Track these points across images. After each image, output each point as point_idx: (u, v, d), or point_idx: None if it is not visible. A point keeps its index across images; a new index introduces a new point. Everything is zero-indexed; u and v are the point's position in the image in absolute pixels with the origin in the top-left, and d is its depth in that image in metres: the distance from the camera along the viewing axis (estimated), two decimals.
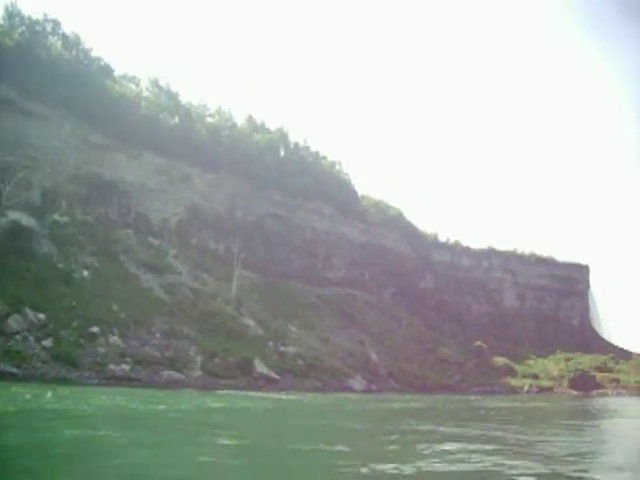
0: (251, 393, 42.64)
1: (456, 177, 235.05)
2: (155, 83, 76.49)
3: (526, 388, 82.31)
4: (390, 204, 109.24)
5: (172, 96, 76.69)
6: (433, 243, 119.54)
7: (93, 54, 69.78)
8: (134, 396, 31.60)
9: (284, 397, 41.81)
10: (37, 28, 63.42)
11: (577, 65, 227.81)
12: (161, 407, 27.15)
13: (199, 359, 48.91)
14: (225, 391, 42.64)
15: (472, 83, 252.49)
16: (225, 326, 58.02)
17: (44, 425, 18.95)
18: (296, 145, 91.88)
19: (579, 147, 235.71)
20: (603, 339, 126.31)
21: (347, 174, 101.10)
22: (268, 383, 51.32)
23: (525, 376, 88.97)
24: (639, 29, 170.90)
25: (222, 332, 56.52)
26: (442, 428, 25.26)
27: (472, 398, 58.52)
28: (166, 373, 44.72)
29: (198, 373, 47.31)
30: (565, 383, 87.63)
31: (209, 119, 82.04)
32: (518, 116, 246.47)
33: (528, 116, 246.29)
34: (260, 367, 52.35)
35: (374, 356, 69.09)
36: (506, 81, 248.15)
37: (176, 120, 75.81)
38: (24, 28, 61.66)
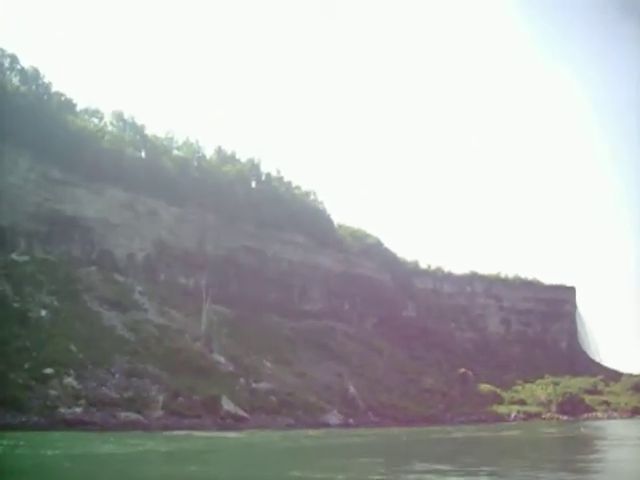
0: (204, 433, 40.17)
1: (435, 202, 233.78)
2: (119, 116, 75.01)
3: (513, 415, 79.54)
4: (368, 232, 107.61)
5: (137, 129, 75.20)
6: (414, 270, 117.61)
7: (54, 88, 68.75)
8: (48, 441, 29.21)
9: (239, 436, 39.34)
10: None
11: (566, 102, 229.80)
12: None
13: (161, 399, 46.25)
14: (181, 432, 39.93)
15: (453, 99, 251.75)
16: (192, 363, 55.19)
17: None
18: (268, 175, 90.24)
19: (559, 166, 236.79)
20: (592, 361, 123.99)
21: (322, 203, 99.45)
22: (236, 422, 48.65)
23: (512, 403, 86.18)
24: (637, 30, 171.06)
25: (189, 370, 53.68)
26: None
27: (449, 429, 56.18)
28: (123, 415, 42.14)
29: (159, 413, 44.65)
30: (553, 408, 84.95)
31: (176, 152, 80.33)
32: (499, 135, 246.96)
33: (509, 135, 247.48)
34: (227, 405, 49.70)
35: (352, 389, 66.39)
36: (490, 94, 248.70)
37: (142, 154, 74.08)
38: None
